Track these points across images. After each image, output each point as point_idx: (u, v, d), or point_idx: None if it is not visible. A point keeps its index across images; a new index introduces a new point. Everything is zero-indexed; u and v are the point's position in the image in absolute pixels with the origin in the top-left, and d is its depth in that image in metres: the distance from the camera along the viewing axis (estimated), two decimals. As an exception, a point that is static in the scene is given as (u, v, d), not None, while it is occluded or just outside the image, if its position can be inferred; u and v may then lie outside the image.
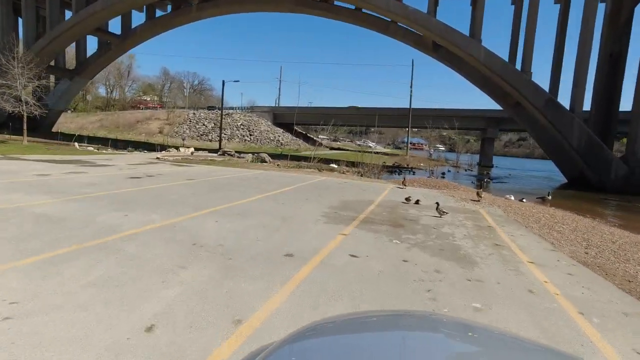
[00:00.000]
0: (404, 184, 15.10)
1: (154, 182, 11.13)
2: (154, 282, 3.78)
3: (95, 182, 10.34)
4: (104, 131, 56.06)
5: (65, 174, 11.83)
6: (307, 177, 16.05)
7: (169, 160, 20.39)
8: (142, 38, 42.56)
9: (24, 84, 22.41)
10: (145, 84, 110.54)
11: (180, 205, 7.93)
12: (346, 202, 10.00)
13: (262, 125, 63.22)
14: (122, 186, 9.99)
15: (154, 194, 9.09)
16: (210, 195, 9.60)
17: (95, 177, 11.35)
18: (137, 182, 11.00)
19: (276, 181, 13.80)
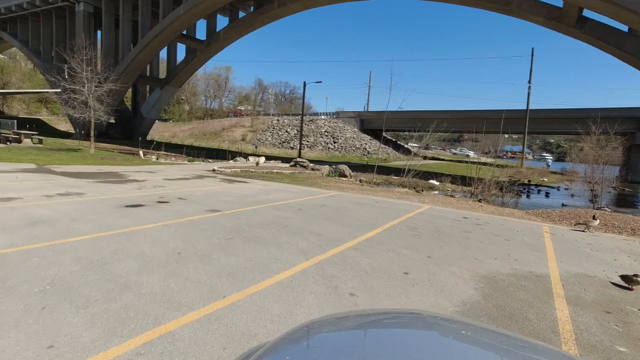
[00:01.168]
0: (585, 225, 8.52)
1: (138, 220, 6.60)
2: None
3: (46, 218, 6.14)
4: (191, 139, 57.03)
5: (50, 196, 8.04)
6: (400, 205, 10.33)
7: (223, 174, 16.41)
8: (225, 42, 41.18)
9: (93, 89, 20.78)
10: (241, 94, 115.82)
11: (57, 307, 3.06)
12: (495, 286, 4.24)
13: (348, 132, 58.56)
14: (71, 231, 5.57)
15: (84, 263, 4.41)
16: (196, 264, 4.60)
17: (70, 205, 7.27)
18: (114, 219, 6.58)
19: (352, 214, 8.40)
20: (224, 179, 14.43)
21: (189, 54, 43.13)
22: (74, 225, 5.87)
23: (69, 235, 5.28)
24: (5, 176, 10.61)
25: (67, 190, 8.90)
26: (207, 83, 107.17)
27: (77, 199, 7.97)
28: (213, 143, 53.85)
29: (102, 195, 8.73)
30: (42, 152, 18.99)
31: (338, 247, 5.62)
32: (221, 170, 17.11)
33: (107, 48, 43.51)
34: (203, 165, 20.09)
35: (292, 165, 21.67)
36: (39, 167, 13.62)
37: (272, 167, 20.15)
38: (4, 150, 18.33)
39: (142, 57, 39.26)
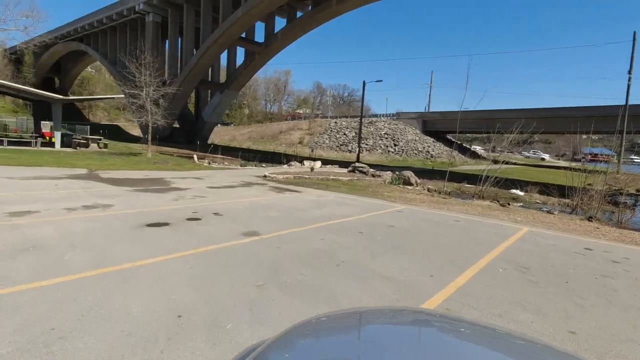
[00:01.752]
0: None
1: (151, 249, 5.13)
2: None
3: (42, 243, 4.87)
4: (249, 142, 57.61)
5: (72, 209, 6.99)
6: (489, 226, 7.91)
7: (274, 180, 14.96)
8: (283, 43, 40.56)
9: (151, 93, 20.74)
10: (300, 98, 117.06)
11: None
12: None
13: (409, 134, 55.27)
14: (57, 266, 4.17)
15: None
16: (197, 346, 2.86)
17: (85, 223, 6.05)
18: (123, 246, 5.18)
19: (429, 240, 6.25)
20: (273, 187, 12.92)
21: (247, 57, 43.23)
22: (68, 255, 4.50)
23: (47, 275, 3.86)
24: (47, 183, 10.00)
25: (95, 202, 7.85)
26: (267, 87, 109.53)
27: (98, 214, 6.79)
28: (270, 146, 53.80)
29: (129, 208, 7.52)
30: (102, 157, 19.15)
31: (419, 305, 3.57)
32: (272, 176, 15.71)
33: (172, 54, 45.22)
34: (254, 171, 18.94)
35: (350, 170, 19.75)
36: (89, 172, 13.21)
37: (329, 173, 18.40)
38: (69, 155, 18.70)
39: (204, 61, 39.94)
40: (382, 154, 51.56)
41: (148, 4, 43.51)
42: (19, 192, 8.42)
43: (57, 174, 12.10)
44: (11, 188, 8.82)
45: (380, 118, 65.67)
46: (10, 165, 13.48)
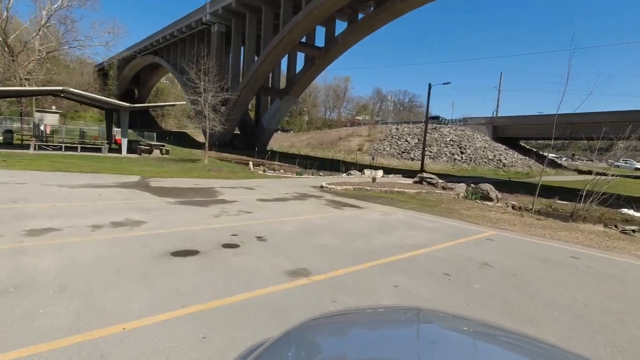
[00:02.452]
0: None
1: (158, 298, 3.79)
2: None
3: (29, 281, 3.75)
4: (307, 149, 57.04)
5: (98, 227, 6.03)
6: (631, 270, 5.55)
7: (332, 192, 13.41)
8: (344, 47, 39.28)
9: (209, 99, 20.48)
10: (359, 104, 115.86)
11: None
12: None
13: (478, 141, 50.88)
14: (17, 329, 2.95)
15: None
16: None
17: (101, 248, 4.94)
18: (125, 292, 3.90)
19: (548, 296, 4.22)
20: (331, 200, 11.36)
21: (307, 62, 42.65)
22: (47, 307, 3.27)
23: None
24: (92, 192, 9.42)
25: (127, 217, 6.86)
26: (326, 94, 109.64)
27: (123, 235, 5.70)
28: (329, 153, 52.71)
29: (161, 227, 6.39)
30: (160, 163, 19.10)
31: None
32: (330, 187, 14.19)
33: (234, 62, 46.18)
34: (311, 180, 17.59)
35: (416, 181, 17.60)
36: (140, 180, 12.73)
37: (392, 184, 16.44)
38: (131, 161, 18.91)
39: (264, 68, 40.03)
40: (448, 162, 47.90)
41: (213, 14, 44.93)
42: (56, 203, 7.78)
43: (109, 181, 11.69)
44: (51, 198, 8.24)
45: (446, 123, 61.64)
46: (70, 171, 13.50)
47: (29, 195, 8.29)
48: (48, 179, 11.20)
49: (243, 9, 41.18)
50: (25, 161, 15.07)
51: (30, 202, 7.63)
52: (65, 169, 13.83)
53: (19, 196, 8.15)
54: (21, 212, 6.71)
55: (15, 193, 8.46)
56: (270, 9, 39.42)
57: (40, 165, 14.13)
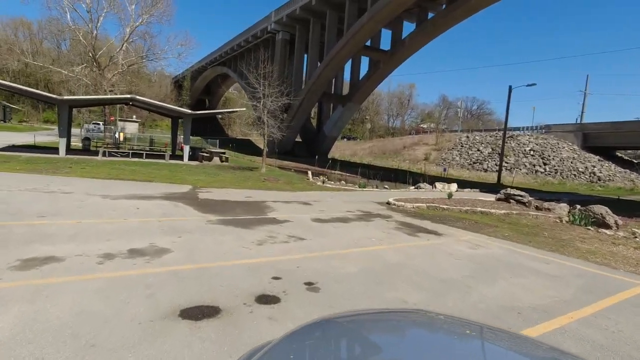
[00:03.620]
0: None
1: None
2: None
3: None
4: (370, 157, 54.85)
5: (110, 257, 4.79)
6: None
7: (401, 211, 11.34)
8: (411, 49, 36.78)
9: (268, 104, 19.56)
10: (424, 112, 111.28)
11: None
12: None
13: (564, 151, 44.83)
14: None
15: None
16: None
17: (92, 297, 3.58)
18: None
19: None
20: (401, 222, 9.34)
21: (371, 67, 40.82)
22: None
23: None
24: (130, 206, 8.47)
25: (152, 243, 5.57)
26: (390, 101, 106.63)
27: (131, 273, 4.33)
28: (392, 162, 50.07)
29: (186, 260, 4.96)
30: (217, 171, 18.45)
31: None
32: (399, 204, 12.12)
33: (297, 69, 45.85)
34: (376, 194, 15.60)
35: (501, 198, 14.77)
36: (190, 190, 11.79)
37: (472, 201, 13.87)
38: (188, 169, 18.51)
39: (327, 73, 38.98)
40: (528, 174, 42.71)
41: (278, 22, 45.12)
42: (85, 219, 6.81)
43: (157, 191, 10.86)
44: (84, 212, 7.34)
45: (523, 132, 55.61)
46: (125, 179, 13.07)
47: (63, 209, 7.48)
48: (97, 187, 10.64)
49: (307, 14, 40.63)
50: (88, 168, 15.12)
51: (58, 218, 6.73)
52: (121, 177, 13.47)
53: (52, 209, 7.36)
54: (39, 231, 5.73)
55: (51, 205, 7.71)
56: (335, 13, 38.33)
57: (99, 173, 13.96)
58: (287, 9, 42.44)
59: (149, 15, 42.79)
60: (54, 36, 65.67)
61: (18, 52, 62.94)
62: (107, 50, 46.28)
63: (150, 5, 42.63)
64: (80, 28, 42.32)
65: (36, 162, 15.50)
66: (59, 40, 68.60)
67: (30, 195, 8.54)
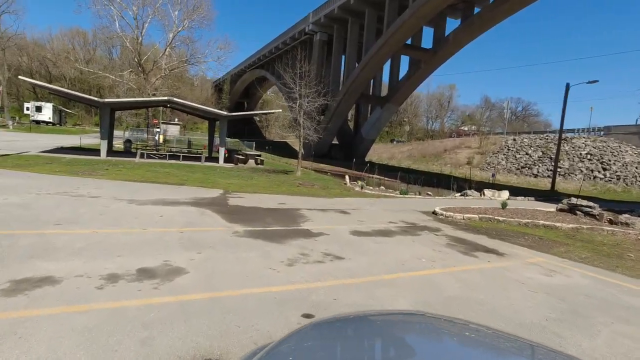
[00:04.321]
0: None
1: None
2: None
3: None
4: (409, 161, 52.88)
5: (113, 278, 4.08)
6: None
7: (450, 222, 10.04)
8: (455, 47, 34.77)
9: (304, 105, 18.80)
10: (465, 114, 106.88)
11: None
12: None
13: (627, 155, 40.72)
14: None
15: None
16: None
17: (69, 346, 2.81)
18: None
19: None
20: (453, 238, 8.10)
21: (412, 67, 39.13)
22: None
23: None
24: (155, 212, 7.90)
25: (165, 261, 4.83)
26: (429, 103, 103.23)
27: (131, 304, 3.56)
28: (433, 166, 47.90)
29: (202, 286, 4.14)
30: (251, 174, 17.89)
31: None
32: (447, 215, 10.83)
33: (335, 70, 45.01)
34: (419, 202, 14.31)
35: (563, 209, 12.99)
36: (221, 195, 11.17)
37: (530, 212, 12.24)
38: (222, 172, 18.12)
39: (365, 73, 37.81)
40: (584, 180, 39.08)
41: (316, 23, 44.56)
42: (103, 228, 6.24)
43: (186, 196, 10.32)
44: (104, 220, 6.80)
45: (579, 134, 51.32)
46: (157, 182, 12.74)
47: (83, 215, 6.99)
48: (126, 191, 10.26)
49: (345, 14, 39.71)
50: (124, 170, 15.03)
51: (75, 226, 6.20)
52: (153, 180, 13.17)
53: (72, 216, 6.89)
54: (46, 243, 5.17)
55: (73, 211, 7.27)
56: (374, 12, 37.11)
57: (133, 175, 13.77)
58: (325, 9, 41.76)
59: (190, 20, 43.72)
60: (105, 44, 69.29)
61: (72, 60, 67.03)
62: (151, 55, 47.85)
63: (191, 10, 43.56)
64: (127, 35, 43.99)
65: (77, 163, 15.66)
66: (110, 47, 72.37)
67: (56, 200, 8.21)
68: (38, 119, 52.66)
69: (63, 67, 70.89)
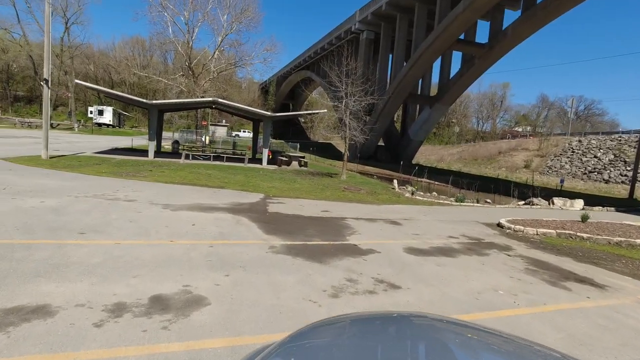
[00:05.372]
0: None
1: None
2: None
3: None
4: (459, 164, 49.96)
5: (118, 312, 3.34)
6: None
7: (522, 238, 8.51)
8: (514, 40, 31.94)
9: (350, 104, 17.79)
10: (519, 114, 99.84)
11: None
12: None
13: None
14: None
15: None
16: None
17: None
18: None
19: None
20: (530, 259, 6.68)
21: (464, 64, 36.65)
22: None
23: None
24: (188, 220, 7.27)
25: (185, 287, 4.04)
26: (480, 103, 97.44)
27: (132, 354, 2.75)
28: (486, 169, 44.85)
29: (223, 324, 3.26)
30: (294, 177, 17.16)
31: None
32: (516, 228, 9.29)
33: (382, 69, 43.50)
34: (479, 211, 12.73)
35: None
36: (260, 201, 10.44)
37: (619, 227, 10.27)
38: (265, 174, 17.59)
39: (414, 72, 36.02)
40: (667, 187, 34.32)
41: (362, 22, 43.36)
42: (127, 239, 5.66)
43: (223, 201, 9.70)
44: (132, 229, 6.24)
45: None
46: (197, 185, 12.34)
47: (111, 223, 6.48)
48: (164, 195, 9.84)
49: (394, 10, 38.12)
50: (167, 171, 14.91)
51: (99, 236, 5.66)
52: (194, 182, 12.80)
53: (100, 223, 6.40)
54: (60, 257, 4.59)
55: (103, 217, 6.81)
56: (424, 7, 35.22)
57: (175, 177, 13.53)
58: (373, 7, 40.41)
59: (238, 23, 44.37)
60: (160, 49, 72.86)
61: (129, 66, 71.17)
62: (201, 58, 49.23)
63: (239, 13, 44.18)
64: (179, 40, 45.57)
65: (124, 164, 15.81)
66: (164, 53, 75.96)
67: (90, 204, 7.86)
68: (100, 121, 56.22)
69: (123, 73, 75.48)
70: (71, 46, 56.55)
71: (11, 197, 7.71)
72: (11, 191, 8.39)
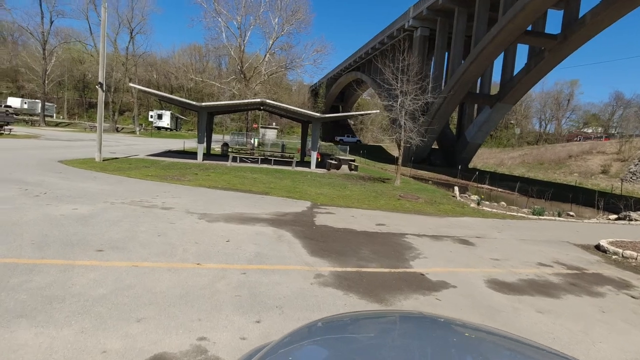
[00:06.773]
0: None
1: None
2: None
3: None
4: (522, 168, 45.78)
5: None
6: None
7: (631, 267, 6.59)
8: (592, 30, 28.19)
9: (406, 103, 16.25)
10: (588, 113, 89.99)
11: None
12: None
13: None
14: None
15: None
16: None
17: None
18: None
19: None
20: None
21: (531, 57, 33.22)
22: None
23: None
24: (222, 235, 6.34)
25: (201, 339, 3.00)
26: (543, 103, 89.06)
27: None
28: (554, 175, 40.59)
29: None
30: (344, 182, 15.94)
31: None
32: (622, 253, 7.32)
33: (437, 67, 41.01)
34: (563, 227, 10.64)
35: None
36: (307, 210, 9.35)
37: None
38: (313, 178, 16.59)
39: (473, 69, 33.32)
40: None
41: (417, 18, 41.22)
42: (147, 260, 4.79)
43: (266, 211, 8.73)
44: (155, 246, 5.40)
45: None
46: (240, 190, 11.59)
47: (136, 237, 5.70)
48: (203, 201, 9.11)
49: (452, 4, 35.64)
50: (212, 175, 14.41)
51: (118, 253, 4.85)
52: (238, 187, 12.07)
53: (124, 237, 5.65)
54: (62, 285, 3.77)
55: (130, 229, 6.07)
56: (487, -3, 32.44)
57: (219, 181, 12.92)
58: (429, 0, 38.17)
59: (289, 25, 44.26)
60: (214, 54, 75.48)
61: (186, 72, 74.48)
62: (253, 62, 49.83)
63: (290, 15, 44.05)
64: (232, 45, 46.44)
65: (172, 167, 15.61)
66: (219, 57, 78.59)
67: (123, 212, 7.23)
68: (159, 125, 59.13)
69: (182, 79, 79.24)
70: (135, 54, 60.08)
71: (46, 204, 7.30)
72: (50, 196, 8.05)
